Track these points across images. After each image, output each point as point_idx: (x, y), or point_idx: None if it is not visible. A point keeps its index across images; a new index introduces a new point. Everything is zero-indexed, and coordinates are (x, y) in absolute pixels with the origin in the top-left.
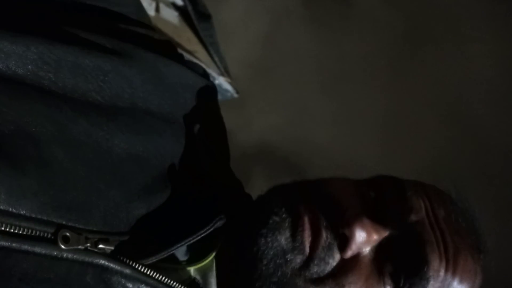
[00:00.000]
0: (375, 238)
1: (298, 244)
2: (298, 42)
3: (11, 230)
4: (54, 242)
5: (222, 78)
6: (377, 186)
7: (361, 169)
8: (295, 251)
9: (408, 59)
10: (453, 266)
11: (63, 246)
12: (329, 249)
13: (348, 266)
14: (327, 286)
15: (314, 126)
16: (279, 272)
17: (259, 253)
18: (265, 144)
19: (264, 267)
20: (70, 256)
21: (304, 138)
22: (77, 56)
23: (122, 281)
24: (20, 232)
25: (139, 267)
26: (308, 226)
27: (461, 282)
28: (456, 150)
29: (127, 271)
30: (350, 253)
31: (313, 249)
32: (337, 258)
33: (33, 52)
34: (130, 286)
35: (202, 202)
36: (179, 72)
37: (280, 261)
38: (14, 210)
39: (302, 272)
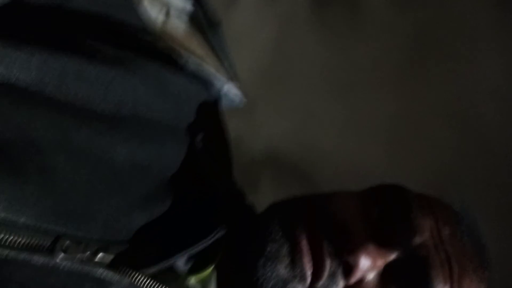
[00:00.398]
0: (380, 263)
1: (298, 271)
2: (306, 48)
3: (10, 239)
4: (52, 252)
5: (232, 84)
6: (381, 201)
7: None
8: (296, 279)
9: (417, 65)
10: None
11: (62, 255)
12: (333, 276)
13: None
14: None
15: (322, 132)
16: None
17: (258, 283)
18: (273, 150)
19: None
20: (68, 266)
21: (312, 144)
22: (80, 63)
23: None
24: (18, 240)
25: (139, 277)
26: (307, 251)
27: None
28: (464, 157)
29: (126, 281)
30: (354, 279)
31: (316, 277)
32: (341, 284)
33: (37, 59)
34: None
35: (204, 212)
36: (183, 81)
37: None
38: (14, 218)
39: None
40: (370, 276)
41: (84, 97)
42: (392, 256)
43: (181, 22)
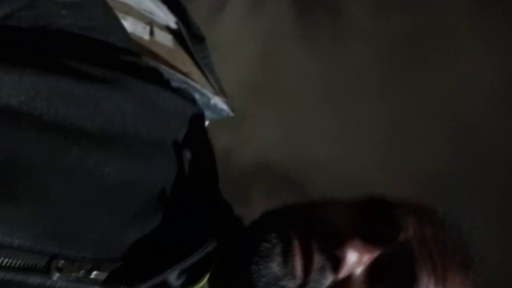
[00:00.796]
0: (367, 258)
1: (290, 269)
2: (292, 59)
3: (5, 261)
4: (48, 272)
5: (218, 98)
6: (366, 206)
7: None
8: (288, 277)
9: (403, 71)
10: (442, 283)
11: (57, 275)
12: (322, 271)
13: (342, 286)
14: None
15: (312, 142)
16: None
17: (252, 281)
18: (263, 161)
19: None
20: (64, 285)
21: (302, 154)
22: (68, 85)
23: None
24: (14, 262)
25: None
26: (298, 250)
27: None
28: (456, 160)
29: None
30: (343, 274)
31: (306, 273)
32: (330, 278)
33: (25, 82)
34: None
35: (193, 226)
36: (168, 98)
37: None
38: (9, 240)
39: None
40: (358, 271)
41: (72, 117)
42: (377, 251)
43: (165, 39)
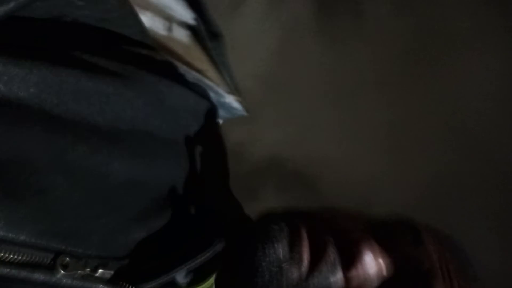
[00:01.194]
0: (381, 265)
1: (295, 254)
2: (310, 56)
3: (10, 257)
4: (53, 268)
5: (232, 97)
6: (392, 227)
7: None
8: (292, 261)
9: (420, 72)
10: None
11: (62, 272)
12: (332, 265)
13: (349, 286)
14: None
15: (325, 139)
16: (274, 281)
17: (256, 259)
18: (276, 157)
19: (259, 275)
20: (69, 282)
21: (315, 152)
22: (79, 79)
23: None
24: (19, 258)
25: None
26: (306, 237)
27: None
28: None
29: None
30: (355, 272)
31: (314, 262)
32: (339, 277)
33: (35, 75)
34: None
35: (202, 225)
36: (181, 93)
37: (275, 269)
38: (13, 236)
39: (301, 283)
40: (370, 273)
41: (82, 112)
42: (395, 264)
43: (182, 36)
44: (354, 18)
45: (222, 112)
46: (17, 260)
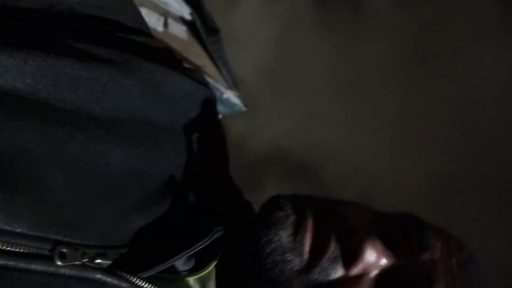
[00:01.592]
0: (384, 262)
1: (298, 245)
2: (309, 47)
3: (8, 248)
4: (50, 259)
5: (230, 92)
6: (397, 219)
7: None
8: (294, 252)
9: (420, 64)
10: None
11: (60, 263)
12: (333, 261)
13: (349, 283)
14: None
15: (326, 130)
16: (277, 270)
17: (259, 246)
18: (278, 149)
19: (262, 262)
20: (67, 272)
21: (316, 143)
22: (74, 68)
23: None
24: (16, 250)
25: (137, 281)
26: (310, 228)
27: None
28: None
29: (124, 285)
30: (355, 270)
31: (316, 257)
32: (340, 272)
33: (31, 65)
34: None
35: (201, 212)
36: (178, 80)
37: (278, 258)
38: (11, 228)
39: (301, 276)
40: (371, 274)
41: (79, 102)
42: (397, 260)
43: (179, 31)
44: (353, 9)
45: (221, 107)
46: (15, 251)
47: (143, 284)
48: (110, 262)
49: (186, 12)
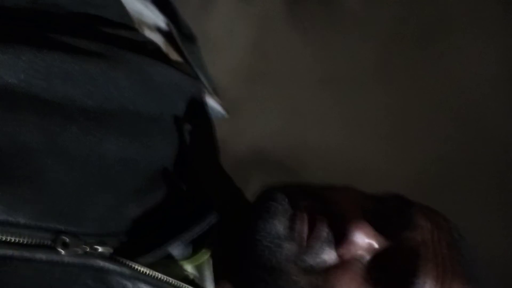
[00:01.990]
0: (373, 244)
1: (294, 234)
2: (286, 48)
3: (12, 239)
4: (53, 248)
5: (211, 99)
6: (384, 200)
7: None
8: (290, 240)
9: (399, 58)
10: None
11: (63, 252)
12: (326, 244)
13: (342, 267)
14: (318, 281)
15: (307, 130)
16: (272, 257)
17: (255, 235)
18: (260, 150)
19: (257, 250)
20: (70, 260)
21: (298, 143)
22: (65, 62)
23: (122, 281)
24: (20, 240)
25: (137, 267)
26: (306, 221)
27: None
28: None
29: (126, 272)
30: (346, 253)
31: (309, 241)
32: (332, 256)
33: (23, 61)
34: (130, 285)
35: (196, 200)
36: (165, 72)
37: (275, 248)
38: (13, 220)
39: (296, 261)
40: (362, 257)
41: (71, 95)
42: (386, 242)
43: (156, 41)
44: (326, 7)
45: None
46: (19, 241)
47: (144, 270)
48: (110, 250)
49: (161, 21)
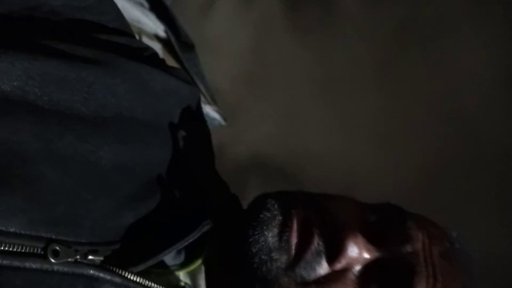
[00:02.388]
0: (366, 257)
1: (284, 244)
2: (284, 52)
3: (2, 248)
4: (44, 257)
5: (209, 107)
6: (379, 211)
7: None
8: (281, 251)
9: (397, 61)
10: None
11: (53, 260)
12: (317, 256)
13: (334, 278)
14: None
15: (306, 134)
16: (264, 268)
17: (246, 245)
18: (258, 155)
19: (249, 261)
20: (60, 269)
21: (297, 147)
22: (60, 69)
23: None
24: (10, 249)
25: (129, 275)
26: (296, 228)
27: None
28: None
29: (117, 280)
30: (338, 265)
31: (300, 252)
32: (325, 267)
33: (17, 68)
34: None
35: (189, 207)
36: (162, 78)
37: (265, 257)
38: (4, 228)
39: (288, 272)
40: (355, 268)
41: (66, 102)
42: (378, 254)
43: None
44: (325, 11)
45: None
46: (10, 249)
47: (135, 278)
48: (102, 258)
49: (160, 29)
